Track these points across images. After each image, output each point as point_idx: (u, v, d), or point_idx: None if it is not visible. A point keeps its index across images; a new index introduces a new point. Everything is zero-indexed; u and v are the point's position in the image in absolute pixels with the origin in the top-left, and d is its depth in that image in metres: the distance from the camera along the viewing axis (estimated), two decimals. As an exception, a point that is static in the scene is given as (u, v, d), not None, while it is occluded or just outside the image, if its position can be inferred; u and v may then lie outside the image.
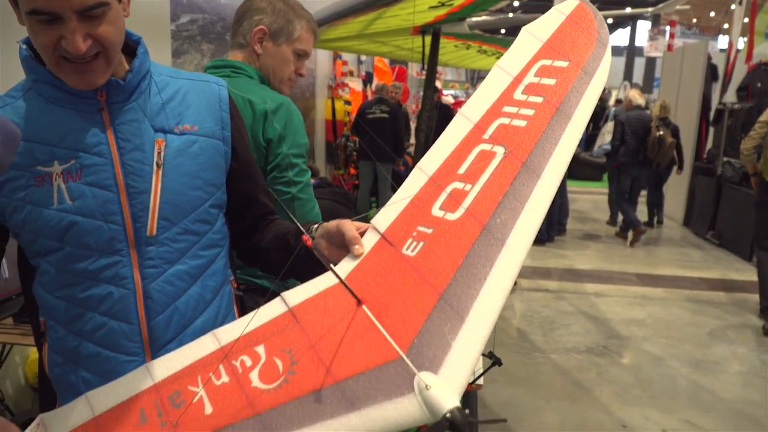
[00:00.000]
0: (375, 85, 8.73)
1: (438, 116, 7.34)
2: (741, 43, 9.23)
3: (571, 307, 5.17)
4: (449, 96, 15.94)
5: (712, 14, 23.48)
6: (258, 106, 1.66)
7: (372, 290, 0.99)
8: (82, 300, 1.09)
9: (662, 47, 17.74)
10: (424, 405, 0.79)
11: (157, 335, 1.12)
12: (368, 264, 1.05)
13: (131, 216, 1.09)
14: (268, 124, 1.66)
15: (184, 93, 1.19)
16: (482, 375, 1.70)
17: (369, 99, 8.59)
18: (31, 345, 2.09)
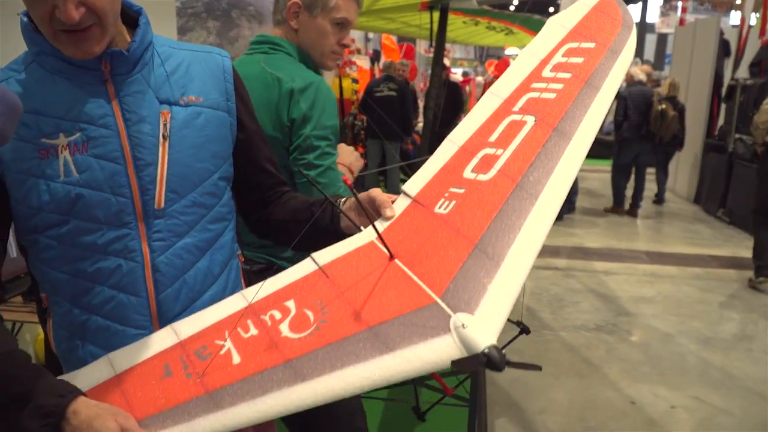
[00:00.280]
0: (383, 63, 8.68)
1: (446, 94, 7.30)
2: (753, 19, 9.09)
3: (580, 285, 5.16)
4: (458, 74, 15.83)
5: (725, -11, 23.08)
6: (285, 85, 1.63)
7: (405, 246, 1.01)
8: (91, 274, 1.08)
9: (674, 23, 17.49)
10: (461, 344, 0.79)
11: (166, 308, 1.12)
12: (400, 224, 1.07)
13: (139, 188, 1.08)
14: (294, 104, 1.62)
15: (188, 64, 1.17)
16: (511, 342, 1.72)
17: (377, 77, 8.54)
18: (41, 322, 2.11)
